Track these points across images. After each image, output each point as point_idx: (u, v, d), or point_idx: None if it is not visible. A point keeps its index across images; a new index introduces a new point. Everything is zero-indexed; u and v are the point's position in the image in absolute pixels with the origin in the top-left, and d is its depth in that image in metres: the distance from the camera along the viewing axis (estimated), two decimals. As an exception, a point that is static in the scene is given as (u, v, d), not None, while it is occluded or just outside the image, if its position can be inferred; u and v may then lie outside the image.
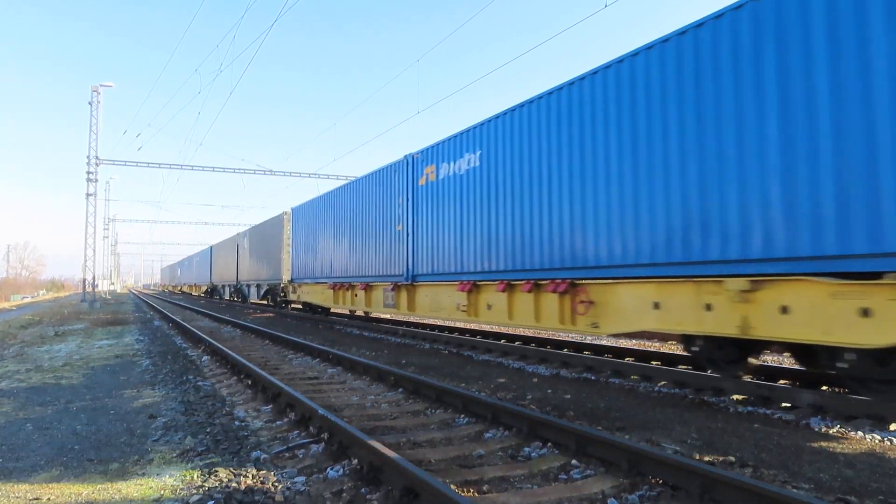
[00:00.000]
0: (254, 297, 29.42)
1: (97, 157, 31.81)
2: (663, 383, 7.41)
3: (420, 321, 17.45)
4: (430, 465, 4.28)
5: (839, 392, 6.44)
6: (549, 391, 7.15)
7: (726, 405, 6.24)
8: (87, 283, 33.73)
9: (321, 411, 5.22)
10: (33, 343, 13.78)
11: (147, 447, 4.88)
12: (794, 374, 7.17)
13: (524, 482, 3.99)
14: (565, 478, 4.05)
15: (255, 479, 4.00)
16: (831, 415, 5.60)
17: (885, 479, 3.95)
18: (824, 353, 5.58)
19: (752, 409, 6.02)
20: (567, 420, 5.35)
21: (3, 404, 6.68)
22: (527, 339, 12.11)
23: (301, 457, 4.58)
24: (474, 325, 15.41)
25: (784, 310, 5.52)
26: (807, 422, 5.47)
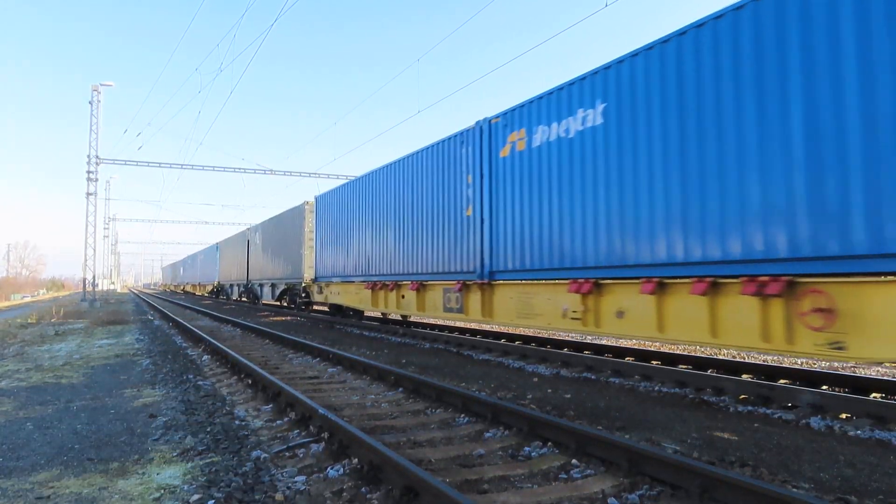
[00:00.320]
0: (267, 297, 26.70)
1: (97, 157, 31.85)
2: (663, 383, 7.41)
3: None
4: (430, 465, 4.29)
5: (839, 391, 6.45)
6: (550, 391, 7.16)
7: (726, 405, 6.24)
8: (87, 282, 33.78)
9: (321, 411, 5.23)
10: (33, 342, 13.78)
11: (147, 446, 4.88)
12: (794, 374, 7.18)
13: (524, 481, 3.99)
14: (565, 477, 4.05)
15: (255, 479, 4.00)
16: (831, 414, 5.61)
17: (886, 479, 3.95)
18: None
19: (753, 409, 6.02)
20: (567, 419, 5.35)
21: (4, 403, 6.69)
22: (527, 339, 12.12)
23: (301, 456, 4.58)
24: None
25: None
26: (807, 421, 5.47)
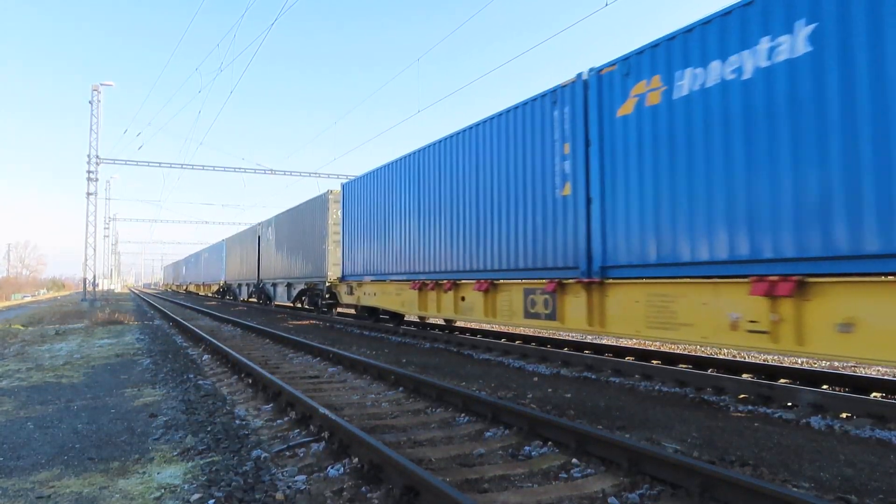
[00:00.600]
0: (281, 298, 24.04)
1: (98, 156, 31.85)
2: (664, 382, 7.41)
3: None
4: (430, 464, 4.29)
5: (840, 391, 6.45)
6: (550, 390, 7.16)
7: (727, 404, 6.24)
8: (87, 282, 33.80)
9: (322, 410, 5.23)
10: (34, 342, 13.79)
11: (148, 446, 4.88)
12: (794, 373, 7.18)
13: (524, 481, 3.99)
14: (566, 476, 4.05)
15: (255, 478, 4.00)
16: (832, 414, 5.61)
17: (886, 479, 3.95)
18: None
19: (753, 408, 6.02)
20: (567, 419, 5.36)
21: (4, 403, 6.69)
22: (527, 339, 12.12)
23: (302, 455, 4.59)
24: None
25: None
26: (807, 421, 5.47)
